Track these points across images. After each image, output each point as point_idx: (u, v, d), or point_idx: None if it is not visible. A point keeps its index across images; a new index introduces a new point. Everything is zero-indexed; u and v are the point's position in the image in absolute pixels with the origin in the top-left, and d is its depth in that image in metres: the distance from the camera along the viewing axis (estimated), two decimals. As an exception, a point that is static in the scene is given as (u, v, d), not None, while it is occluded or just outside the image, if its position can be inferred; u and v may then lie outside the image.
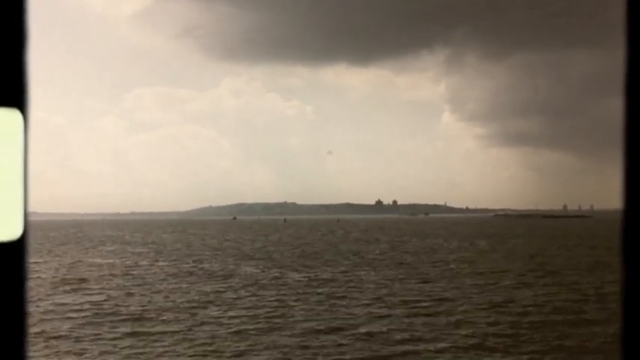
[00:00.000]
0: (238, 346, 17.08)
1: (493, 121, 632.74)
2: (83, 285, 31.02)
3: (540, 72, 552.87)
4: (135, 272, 37.43)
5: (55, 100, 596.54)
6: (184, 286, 30.44)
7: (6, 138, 0.97)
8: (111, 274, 36.33)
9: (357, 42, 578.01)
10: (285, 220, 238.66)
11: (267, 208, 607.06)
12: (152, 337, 18.27)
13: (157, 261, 46.13)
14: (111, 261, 46.40)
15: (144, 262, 44.75)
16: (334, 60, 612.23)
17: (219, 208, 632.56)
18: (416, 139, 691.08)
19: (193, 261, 45.17)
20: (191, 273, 36.52)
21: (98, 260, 47.34)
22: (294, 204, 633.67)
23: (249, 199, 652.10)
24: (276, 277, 33.82)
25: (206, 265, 41.30)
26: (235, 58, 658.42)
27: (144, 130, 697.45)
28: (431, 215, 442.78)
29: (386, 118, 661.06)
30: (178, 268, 39.48)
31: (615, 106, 1.15)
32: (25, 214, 1.00)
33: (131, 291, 28.57)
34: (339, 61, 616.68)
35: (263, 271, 37.17)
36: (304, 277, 34.02)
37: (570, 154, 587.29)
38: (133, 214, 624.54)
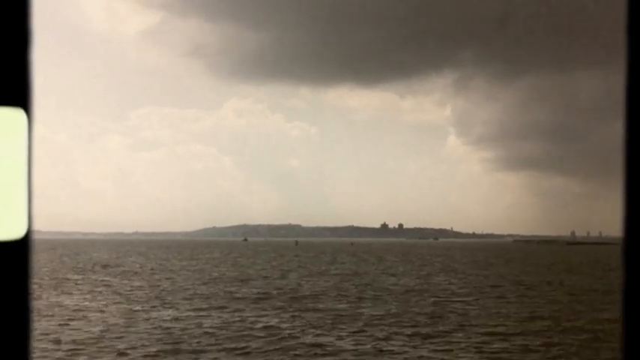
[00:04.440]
0: None
1: (499, 145, 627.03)
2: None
3: (547, 95, 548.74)
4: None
5: (58, 117, 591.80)
6: None
7: (10, 137, 0.98)
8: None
9: (362, 64, 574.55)
10: (296, 243, 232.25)
11: (272, 229, 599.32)
12: None
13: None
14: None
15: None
16: (339, 82, 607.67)
17: (223, 229, 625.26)
18: (421, 162, 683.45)
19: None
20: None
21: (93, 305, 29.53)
22: (298, 226, 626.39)
23: (253, 221, 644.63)
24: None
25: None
26: (242, 79, 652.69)
27: (148, 149, 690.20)
28: (440, 240, 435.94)
29: (390, 140, 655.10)
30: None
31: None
32: (30, 213, 1.00)
33: None
34: (344, 83, 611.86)
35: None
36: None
37: (577, 179, 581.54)
38: (136, 233, 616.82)
